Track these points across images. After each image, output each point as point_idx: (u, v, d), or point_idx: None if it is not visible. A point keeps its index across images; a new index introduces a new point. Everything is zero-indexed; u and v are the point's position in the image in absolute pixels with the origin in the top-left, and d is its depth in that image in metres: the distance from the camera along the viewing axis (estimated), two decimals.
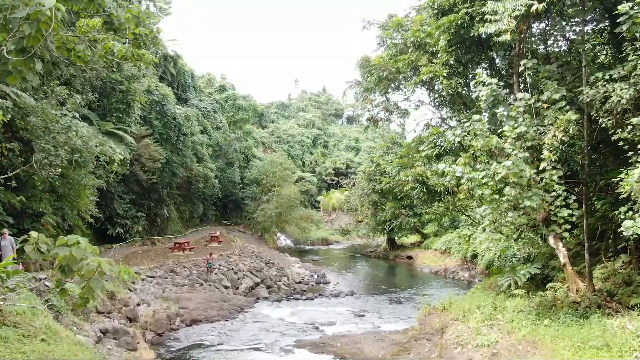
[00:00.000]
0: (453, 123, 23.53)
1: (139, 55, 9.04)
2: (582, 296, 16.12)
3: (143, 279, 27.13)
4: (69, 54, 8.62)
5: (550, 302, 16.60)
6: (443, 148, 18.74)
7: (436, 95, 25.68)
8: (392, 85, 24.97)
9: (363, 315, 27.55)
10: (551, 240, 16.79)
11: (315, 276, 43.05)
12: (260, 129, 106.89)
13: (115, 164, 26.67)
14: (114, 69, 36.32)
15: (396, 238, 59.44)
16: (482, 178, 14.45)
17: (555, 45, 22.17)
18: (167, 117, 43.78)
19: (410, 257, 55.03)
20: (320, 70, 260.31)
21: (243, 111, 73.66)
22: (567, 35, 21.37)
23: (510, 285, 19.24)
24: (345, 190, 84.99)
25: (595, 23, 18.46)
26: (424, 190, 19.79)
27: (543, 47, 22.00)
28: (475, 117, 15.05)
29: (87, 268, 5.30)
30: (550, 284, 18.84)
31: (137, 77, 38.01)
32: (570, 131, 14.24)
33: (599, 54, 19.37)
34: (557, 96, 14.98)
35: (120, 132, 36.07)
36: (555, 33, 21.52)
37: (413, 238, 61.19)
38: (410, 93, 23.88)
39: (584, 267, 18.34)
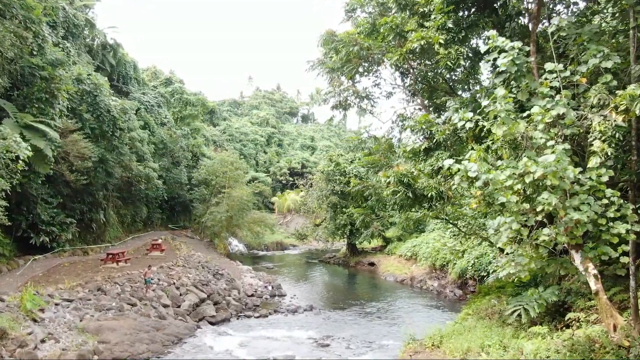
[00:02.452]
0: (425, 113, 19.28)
1: None
2: (629, 338, 11.98)
3: (57, 304, 22.00)
4: None
5: (587, 346, 12.41)
6: (435, 140, 14.43)
7: (411, 82, 21.55)
8: (362, 67, 20.59)
9: (328, 345, 23.02)
10: (577, 260, 12.61)
11: (270, 288, 38.62)
12: (212, 127, 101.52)
13: (21, 161, 21.51)
14: (34, 52, 31.10)
15: (357, 243, 55.24)
16: (506, 179, 10.18)
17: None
18: (100, 110, 38.41)
19: (372, 264, 51.04)
20: (274, 68, 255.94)
21: (191, 106, 68.29)
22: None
23: (520, 315, 15.00)
24: (301, 191, 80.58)
25: None
26: (410, 194, 15.44)
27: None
28: (500, 91, 10.76)
29: None
30: (570, 315, 14.70)
31: (62, 62, 32.68)
32: (638, 112, 10.07)
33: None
34: (608, 64, 10.81)
35: (42, 126, 30.83)
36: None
37: (375, 242, 57.11)
38: (392, 69, 19.45)
39: (615, 294, 14.33)
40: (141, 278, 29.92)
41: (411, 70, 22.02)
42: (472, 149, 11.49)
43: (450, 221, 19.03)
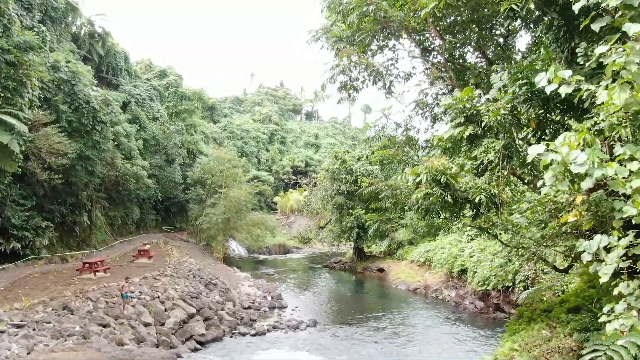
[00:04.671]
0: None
1: None
2: None
3: (2, 331, 17.99)
4: None
5: None
6: (485, 124, 10.36)
7: (437, 59, 17.60)
8: (376, 40, 16.54)
9: None
10: None
11: (269, 298, 34.78)
12: (212, 124, 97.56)
13: None
14: None
15: (365, 247, 51.18)
16: (633, 177, 6.15)
17: None
18: (79, 101, 34.33)
19: (381, 270, 47.02)
20: (278, 66, 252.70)
21: (187, 101, 64.18)
22: None
23: None
24: (305, 190, 76.64)
25: None
26: (448, 198, 11.16)
27: None
28: (634, 27, 6.66)
29: None
30: None
31: (33, 45, 28.74)
32: None
33: None
34: None
35: (8, 117, 26.99)
36: None
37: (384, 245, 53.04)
38: (412, 43, 15.36)
39: None
40: (119, 292, 25.94)
41: (435, 47, 18.12)
42: (539, 134, 7.51)
43: (499, 234, 14.63)
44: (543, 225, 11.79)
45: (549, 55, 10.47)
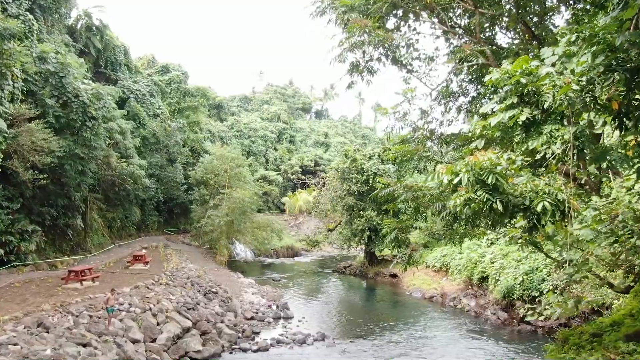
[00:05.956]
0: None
1: None
2: None
3: None
4: None
5: None
6: (547, 106, 7.57)
7: (462, 41, 14.86)
8: (397, 10, 13.82)
9: None
10: None
11: (274, 307, 32.33)
12: (219, 122, 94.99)
13: None
14: None
15: (377, 251, 48.35)
16: None
17: None
18: (68, 94, 31.66)
19: (394, 276, 44.40)
20: (287, 64, 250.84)
21: (191, 97, 61.49)
22: None
23: None
24: (314, 190, 73.94)
25: None
26: (497, 205, 8.13)
27: None
28: None
29: None
30: None
31: (14, 33, 26.14)
32: None
33: None
34: None
35: None
36: None
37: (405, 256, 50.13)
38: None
39: None
40: (104, 305, 23.27)
41: (462, 26, 15.42)
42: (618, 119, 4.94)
43: (553, 250, 11.72)
44: (614, 239, 8.98)
45: (636, 7, 7.72)
